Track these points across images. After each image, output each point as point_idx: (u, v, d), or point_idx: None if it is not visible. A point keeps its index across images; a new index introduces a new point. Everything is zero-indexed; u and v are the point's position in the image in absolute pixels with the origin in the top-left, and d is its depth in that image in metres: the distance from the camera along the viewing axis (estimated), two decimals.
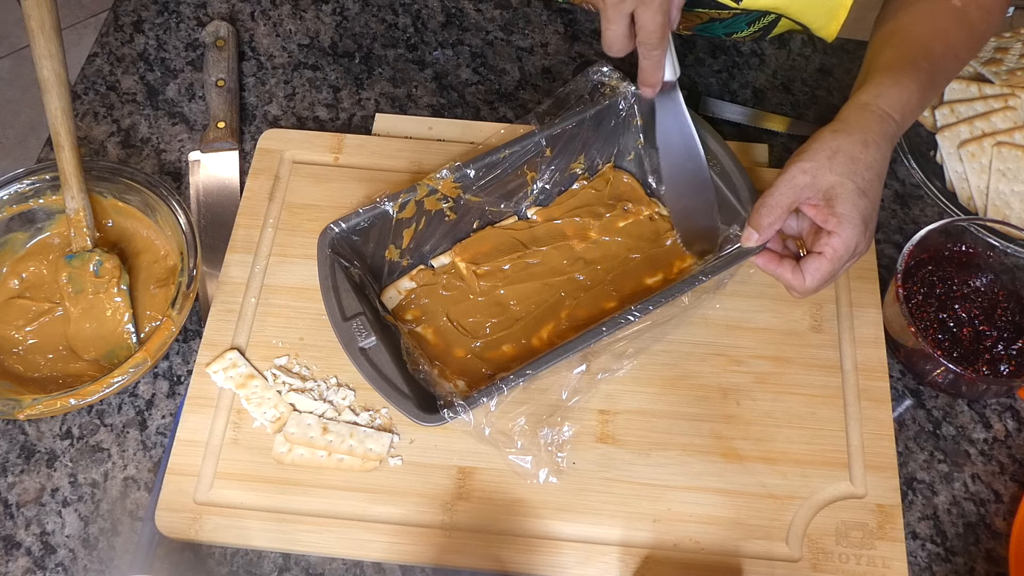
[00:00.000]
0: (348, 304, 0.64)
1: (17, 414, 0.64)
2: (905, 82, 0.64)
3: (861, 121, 0.63)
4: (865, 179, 0.61)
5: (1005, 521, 0.67)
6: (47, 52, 0.68)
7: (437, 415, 0.60)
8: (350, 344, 0.62)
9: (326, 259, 0.66)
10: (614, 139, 0.76)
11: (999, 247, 0.71)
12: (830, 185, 0.61)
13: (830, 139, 0.62)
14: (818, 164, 0.61)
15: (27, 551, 0.65)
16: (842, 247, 0.61)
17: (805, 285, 0.63)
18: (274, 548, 0.64)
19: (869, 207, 0.61)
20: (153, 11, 0.93)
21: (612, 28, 0.62)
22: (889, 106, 0.63)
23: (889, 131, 0.63)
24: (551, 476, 0.65)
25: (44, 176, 0.74)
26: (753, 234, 0.64)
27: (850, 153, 0.61)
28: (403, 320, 0.71)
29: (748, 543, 0.64)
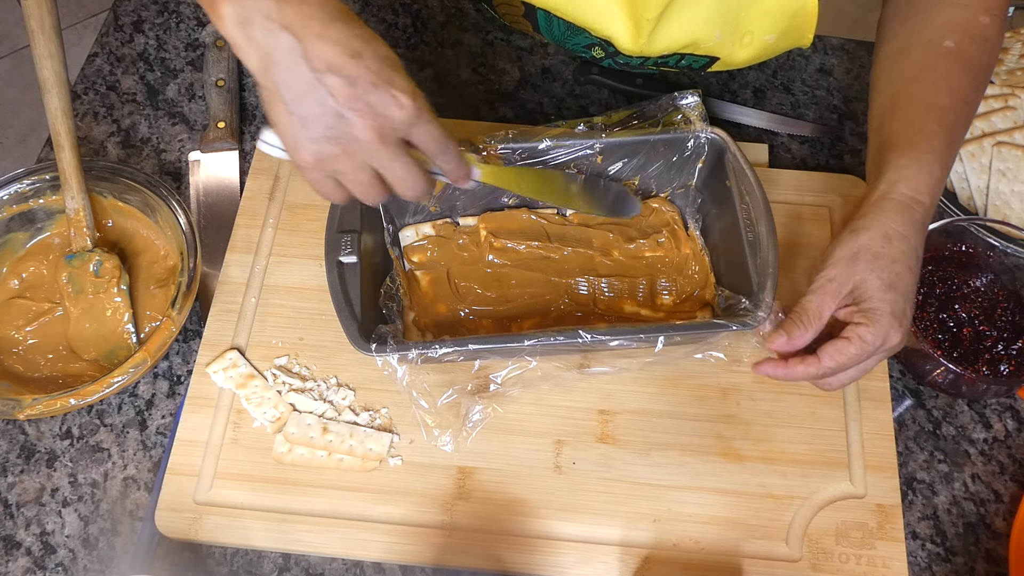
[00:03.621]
0: (348, 220, 0.65)
1: (17, 414, 0.64)
2: (923, 158, 0.60)
3: (880, 216, 0.59)
4: (893, 272, 0.58)
5: (1005, 521, 0.67)
6: (47, 52, 0.68)
7: (367, 345, 0.61)
8: (331, 254, 0.64)
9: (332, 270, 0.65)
10: (675, 172, 0.74)
11: (999, 247, 0.71)
12: (855, 285, 0.58)
13: (849, 241, 0.59)
14: (840, 270, 0.59)
15: (27, 551, 0.65)
16: (870, 337, 0.57)
17: (820, 363, 0.58)
18: (274, 548, 0.64)
19: (899, 301, 0.58)
20: (153, 11, 0.93)
21: (407, 170, 0.54)
22: (912, 189, 0.59)
23: (917, 216, 0.59)
24: (448, 445, 0.66)
25: (44, 176, 0.74)
26: (781, 337, 0.60)
27: (872, 251, 0.58)
28: (408, 259, 0.73)
29: (748, 543, 0.64)
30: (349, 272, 0.64)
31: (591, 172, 0.73)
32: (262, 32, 0.49)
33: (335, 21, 0.50)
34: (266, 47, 0.49)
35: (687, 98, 0.72)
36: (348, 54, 0.49)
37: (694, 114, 0.72)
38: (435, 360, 0.63)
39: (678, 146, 0.72)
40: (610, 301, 0.72)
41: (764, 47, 0.74)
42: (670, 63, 0.80)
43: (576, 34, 0.80)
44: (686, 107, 0.72)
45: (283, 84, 0.50)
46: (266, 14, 0.49)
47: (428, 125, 0.53)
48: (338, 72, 0.49)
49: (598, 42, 0.79)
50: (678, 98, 0.72)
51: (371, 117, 0.50)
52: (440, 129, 0.54)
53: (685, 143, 0.72)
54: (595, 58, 0.84)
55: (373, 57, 0.50)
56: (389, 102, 0.50)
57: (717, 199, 0.72)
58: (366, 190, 0.54)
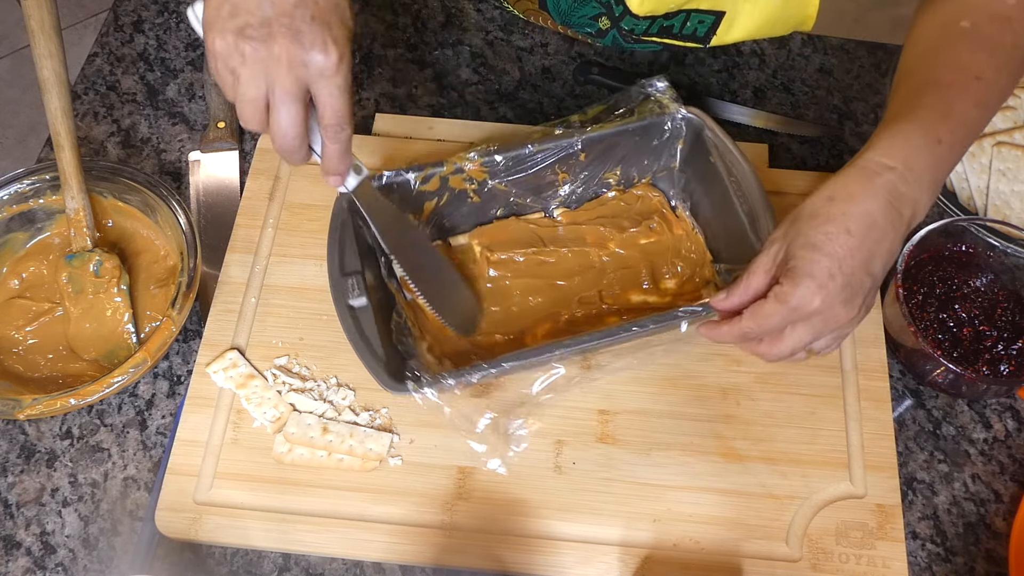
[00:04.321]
0: (350, 261, 0.65)
1: (17, 414, 0.64)
2: (902, 126, 0.60)
3: (835, 179, 0.59)
4: (822, 232, 0.56)
5: (1005, 521, 0.67)
6: (47, 52, 0.68)
7: (402, 385, 0.60)
8: (340, 299, 0.63)
9: (340, 213, 0.66)
10: (655, 156, 0.75)
11: (999, 247, 0.71)
12: (787, 243, 0.58)
13: (800, 204, 0.59)
14: (782, 228, 0.59)
15: (27, 551, 0.65)
16: (785, 296, 0.56)
17: (740, 324, 0.58)
18: (274, 548, 0.64)
19: (824, 262, 0.55)
20: (153, 11, 0.93)
21: (287, 103, 0.53)
22: (881, 155, 0.59)
23: (879, 181, 0.57)
24: (501, 467, 0.66)
25: (44, 176, 0.74)
26: (722, 295, 0.61)
27: (810, 211, 0.58)
28: (407, 289, 0.71)
29: (748, 543, 0.64)
30: (362, 315, 0.63)
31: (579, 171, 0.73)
32: None
33: None
34: None
35: (657, 84, 0.73)
36: None
37: (666, 98, 0.72)
38: (471, 385, 0.63)
39: (655, 131, 0.73)
40: (616, 295, 0.72)
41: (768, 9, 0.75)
42: (675, 27, 0.80)
43: (583, 3, 0.79)
44: (658, 93, 0.73)
45: None
46: None
47: (337, 90, 0.53)
48: None
49: (604, 10, 0.79)
50: (647, 85, 0.73)
51: (294, 42, 0.50)
52: (347, 105, 0.54)
53: (662, 127, 0.73)
54: (600, 31, 0.84)
55: (325, 3, 0.51)
56: (317, 41, 0.51)
57: (702, 177, 0.73)
58: (248, 107, 0.53)
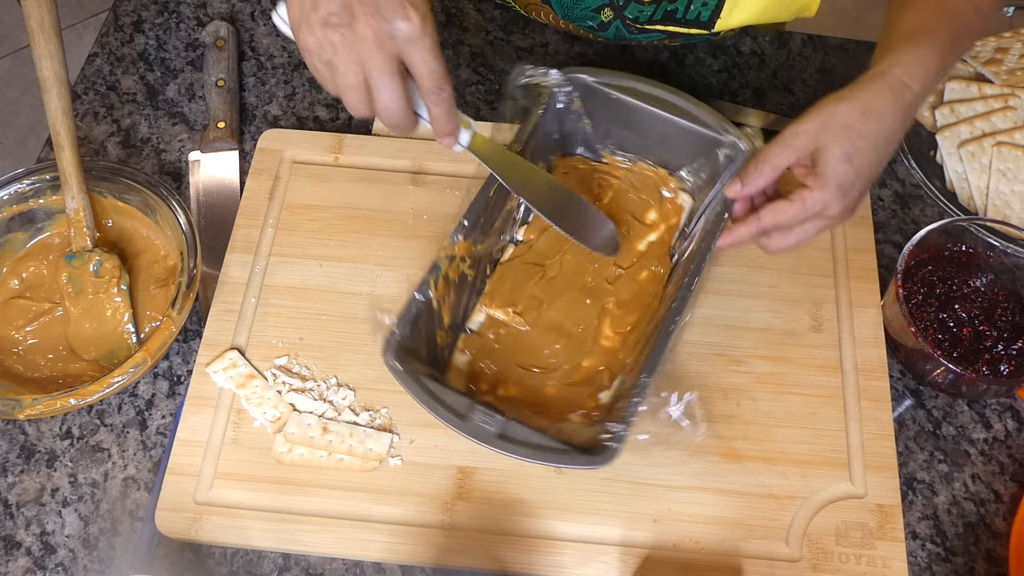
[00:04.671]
0: (454, 402, 0.60)
1: (17, 414, 0.64)
2: (925, 48, 0.62)
3: (867, 90, 0.62)
4: (855, 146, 0.60)
5: (1005, 521, 0.67)
6: (47, 52, 0.68)
7: (606, 453, 0.58)
8: (486, 437, 0.59)
9: (407, 376, 0.61)
10: (563, 133, 0.76)
11: (999, 247, 0.71)
12: (817, 147, 0.61)
13: (831, 104, 0.62)
14: (811, 127, 0.62)
15: (27, 551, 0.65)
16: (811, 201, 0.61)
17: (760, 220, 0.62)
18: (274, 548, 0.64)
19: (852, 174, 0.61)
20: (153, 11, 0.93)
21: (384, 79, 0.54)
22: (907, 75, 0.62)
23: (902, 102, 0.61)
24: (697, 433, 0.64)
25: (44, 176, 0.74)
26: (736, 183, 0.64)
27: (845, 120, 0.61)
28: (481, 393, 0.68)
29: (748, 543, 0.64)
30: (513, 430, 0.59)
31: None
32: None
33: None
34: None
35: (524, 72, 0.72)
36: None
37: (538, 77, 0.72)
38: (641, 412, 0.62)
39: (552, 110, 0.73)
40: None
41: None
42: (679, 11, 0.80)
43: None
44: (530, 79, 0.72)
45: None
46: None
47: (427, 53, 0.54)
48: None
49: (608, 1, 0.79)
50: (518, 79, 0.72)
51: (376, 17, 0.52)
52: (440, 65, 0.55)
53: (555, 104, 0.73)
54: (604, 23, 0.84)
55: None
56: (397, 10, 0.52)
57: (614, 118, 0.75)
58: (352, 94, 0.55)
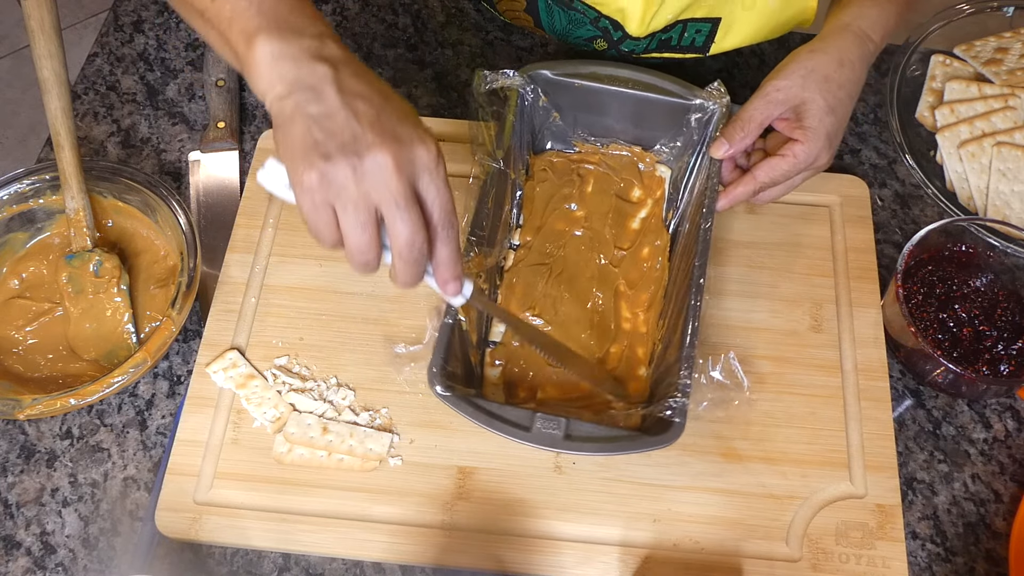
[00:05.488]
0: (512, 416, 0.60)
1: (17, 414, 0.64)
2: (884, 3, 0.67)
3: (839, 41, 0.65)
4: (836, 97, 0.64)
5: (1005, 521, 0.67)
6: (47, 52, 0.68)
7: (673, 429, 0.59)
8: (555, 442, 0.59)
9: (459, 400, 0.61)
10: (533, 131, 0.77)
11: (999, 247, 0.71)
12: (801, 101, 0.64)
13: (806, 58, 0.65)
14: (792, 82, 0.64)
15: (27, 551, 0.65)
16: (803, 154, 0.64)
17: (756, 179, 0.66)
18: (274, 548, 0.64)
19: (835, 124, 0.65)
20: (153, 11, 0.93)
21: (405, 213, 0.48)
22: (869, 28, 0.66)
23: (866, 52, 0.66)
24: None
25: (44, 176, 0.74)
26: (724, 144, 0.66)
27: (824, 72, 0.64)
28: (521, 400, 0.68)
29: (748, 543, 0.64)
30: (579, 429, 0.60)
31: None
32: (296, 65, 0.48)
33: (370, 73, 0.50)
34: (297, 75, 0.48)
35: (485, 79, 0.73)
36: (378, 93, 0.49)
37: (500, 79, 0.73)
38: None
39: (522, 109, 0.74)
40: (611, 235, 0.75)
41: (767, 13, 0.76)
42: (673, 39, 0.80)
43: (578, 26, 0.80)
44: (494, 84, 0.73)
45: (308, 102, 0.47)
46: (309, 51, 0.48)
47: (444, 183, 0.50)
48: (366, 100, 0.48)
49: (600, 33, 0.79)
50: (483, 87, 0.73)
51: (394, 143, 0.47)
52: (452, 197, 0.51)
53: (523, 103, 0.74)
54: (596, 51, 0.84)
55: (400, 105, 0.50)
56: (415, 137, 0.48)
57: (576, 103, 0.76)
58: (361, 235, 0.48)
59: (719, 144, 0.67)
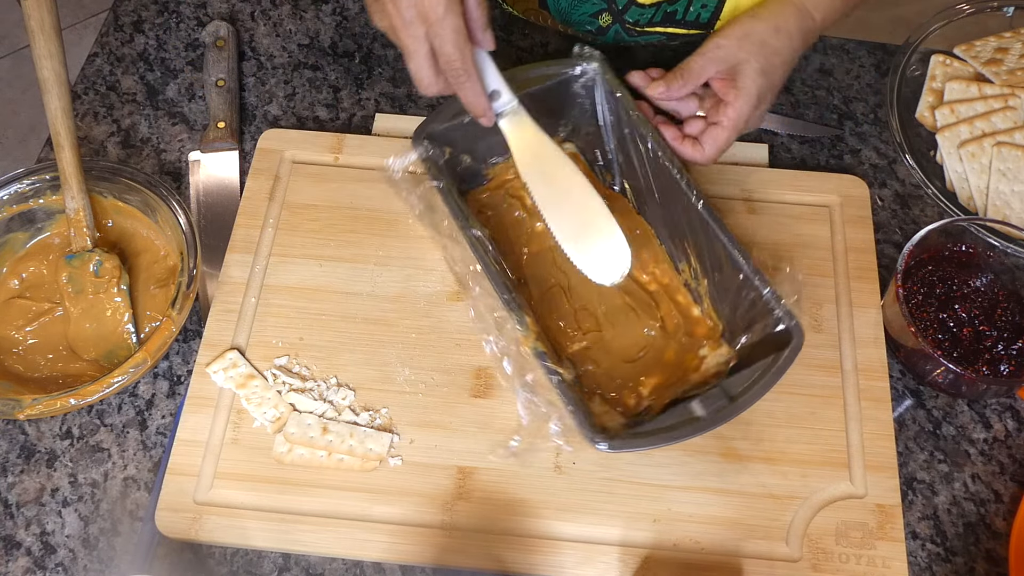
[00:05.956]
0: (679, 417, 0.62)
1: (17, 414, 0.64)
2: None
3: (779, 11, 0.69)
4: (770, 62, 0.68)
5: (1005, 521, 0.67)
6: (47, 52, 0.68)
7: (795, 340, 0.62)
8: (730, 411, 0.60)
9: (637, 442, 0.61)
10: (459, 179, 0.74)
11: (999, 247, 0.71)
12: (737, 61, 0.67)
13: (747, 22, 0.68)
14: (730, 42, 0.68)
15: (27, 551, 0.65)
16: (735, 116, 0.68)
17: (705, 154, 0.69)
18: (274, 548, 0.64)
19: (766, 86, 0.68)
20: (153, 11, 0.93)
21: (414, 60, 0.60)
22: (811, 5, 0.69)
23: (805, 26, 0.69)
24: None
25: (44, 176, 0.74)
26: (661, 86, 0.69)
27: (761, 37, 0.67)
28: (641, 407, 0.68)
29: (748, 543, 0.64)
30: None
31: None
32: None
33: None
34: None
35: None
36: None
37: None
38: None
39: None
40: None
41: None
42: (679, 11, 0.81)
43: (583, 1, 0.80)
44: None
45: None
46: None
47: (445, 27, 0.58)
48: None
49: (605, 5, 0.80)
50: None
51: None
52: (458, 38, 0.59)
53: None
54: (602, 27, 0.84)
55: None
56: None
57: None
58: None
59: (656, 85, 0.69)
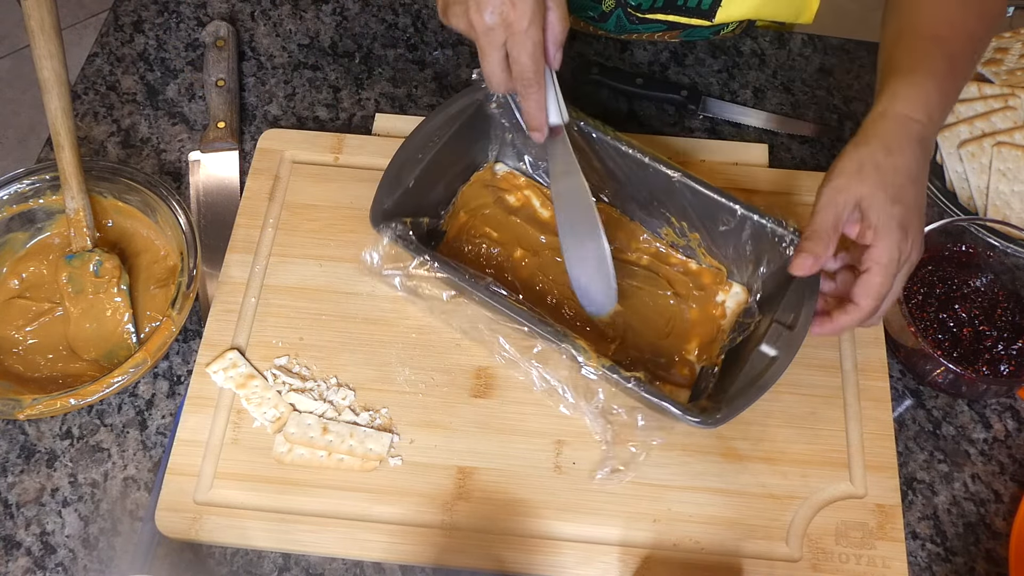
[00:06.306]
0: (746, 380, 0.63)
1: (17, 414, 0.64)
2: (919, 80, 0.63)
3: (879, 130, 0.62)
4: (895, 185, 0.60)
5: (1005, 521, 0.67)
6: (47, 52, 0.68)
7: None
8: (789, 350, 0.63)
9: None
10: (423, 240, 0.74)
11: (999, 247, 0.71)
12: (861, 197, 0.60)
13: (853, 153, 0.62)
14: (848, 180, 0.61)
15: (27, 551, 0.65)
16: (884, 256, 0.59)
17: (860, 307, 0.60)
18: (274, 548, 0.64)
19: (904, 212, 0.60)
20: (153, 11, 0.93)
21: (488, 61, 0.61)
22: (907, 108, 0.62)
23: (913, 132, 0.62)
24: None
25: (44, 176, 0.74)
26: (808, 259, 0.60)
27: (874, 162, 0.61)
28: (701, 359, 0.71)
29: (748, 543, 0.64)
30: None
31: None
32: None
33: None
34: None
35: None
36: None
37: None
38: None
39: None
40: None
41: None
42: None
43: None
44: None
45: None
46: None
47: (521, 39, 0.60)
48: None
49: None
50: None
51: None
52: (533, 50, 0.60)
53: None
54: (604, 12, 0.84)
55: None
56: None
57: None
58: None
59: (802, 260, 0.61)
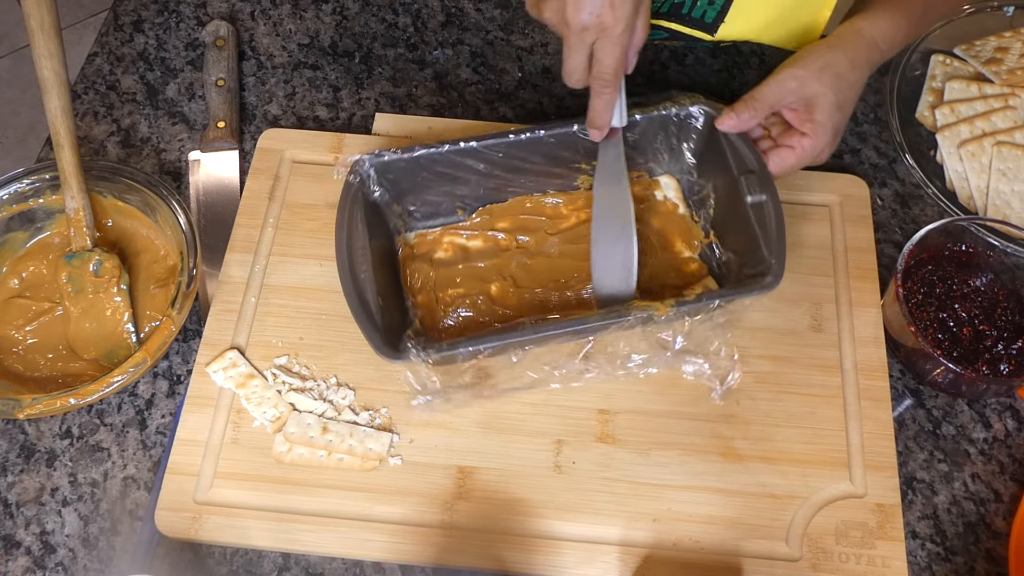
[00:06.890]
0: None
1: (17, 414, 0.64)
2: (898, 17, 0.70)
3: (854, 44, 0.68)
4: (846, 96, 0.67)
5: (1005, 521, 0.67)
6: (47, 52, 0.68)
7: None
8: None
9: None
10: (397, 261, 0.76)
11: (999, 247, 0.71)
12: (814, 94, 0.66)
13: (824, 52, 0.67)
14: (808, 73, 0.67)
15: (27, 551, 0.65)
16: (811, 148, 0.67)
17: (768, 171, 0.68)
18: (274, 548, 0.64)
19: (841, 121, 0.68)
20: (153, 11, 0.93)
21: (574, 57, 0.63)
22: (880, 37, 0.69)
23: (873, 58, 0.69)
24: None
25: (44, 176, 0.74)
26: (732, 118, 0.68)
27: (838, 70, 0.67)
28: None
29: (748, 543, 0.64)
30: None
31: None
32: None
33: None
34: None
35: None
36: None
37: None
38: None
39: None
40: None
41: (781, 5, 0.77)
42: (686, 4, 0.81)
43: None
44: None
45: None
46: None
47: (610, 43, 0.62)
48: None
49: None
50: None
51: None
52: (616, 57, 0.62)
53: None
54: None
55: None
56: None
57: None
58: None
59: (726, 116, 0.68)
